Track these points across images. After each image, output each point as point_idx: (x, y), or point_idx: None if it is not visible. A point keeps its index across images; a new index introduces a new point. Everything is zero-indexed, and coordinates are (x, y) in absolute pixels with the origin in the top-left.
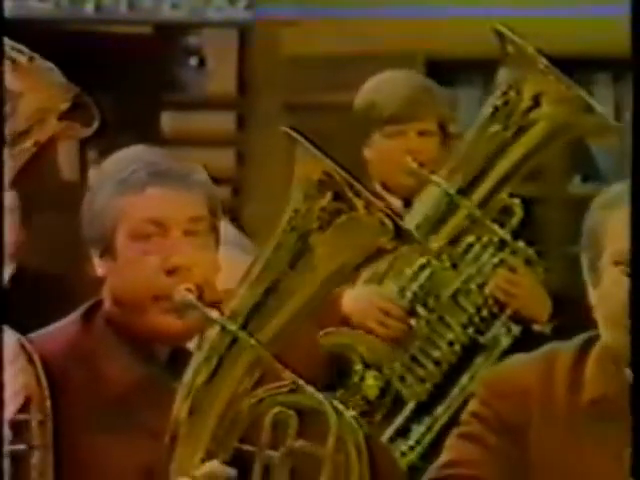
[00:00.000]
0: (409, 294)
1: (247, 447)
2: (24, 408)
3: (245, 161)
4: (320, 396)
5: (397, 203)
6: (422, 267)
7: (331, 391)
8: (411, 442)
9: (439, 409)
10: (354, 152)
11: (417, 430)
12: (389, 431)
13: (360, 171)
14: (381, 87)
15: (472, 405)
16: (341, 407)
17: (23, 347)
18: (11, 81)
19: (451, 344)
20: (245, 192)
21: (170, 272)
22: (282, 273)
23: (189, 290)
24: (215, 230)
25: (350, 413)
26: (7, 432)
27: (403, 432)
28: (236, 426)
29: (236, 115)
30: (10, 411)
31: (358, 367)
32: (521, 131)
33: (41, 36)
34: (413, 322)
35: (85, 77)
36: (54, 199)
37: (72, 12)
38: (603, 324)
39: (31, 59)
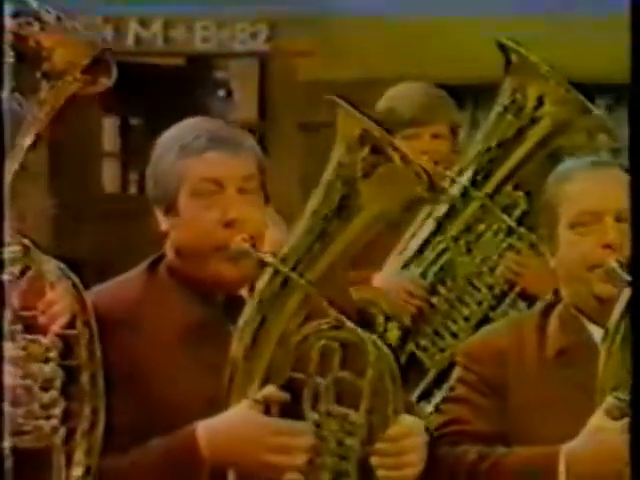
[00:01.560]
0: (431, 275)
1: (298, 375)
2: (71, 325)
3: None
4: (360, 331)
5: None
6: (442, 252)
7: None
8: (433, 405)
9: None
10: None
11: (438, 394)
12: (415, 394)
13: None
14: (400, 95)
15: (457, 372)
16: (379, 342)
17: (65, 274)
18: (42, 38)
19: (467, 319)
20: None
21: (227, 225)
22: (329, 219)
23: (244, 240)
24: (263, 188)
25: (385, 347)
26: (59, 345)
27: (426, 395)
28: (288, 357)
29: (257, 136)
30: (59, 325)
31: (380, 319)
32: (528, 126)
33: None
34: (434, 300)
35: (126, 102)
36: (98, 209)
37: (115, 44)
38: (563, 282)
39: (59, 19)
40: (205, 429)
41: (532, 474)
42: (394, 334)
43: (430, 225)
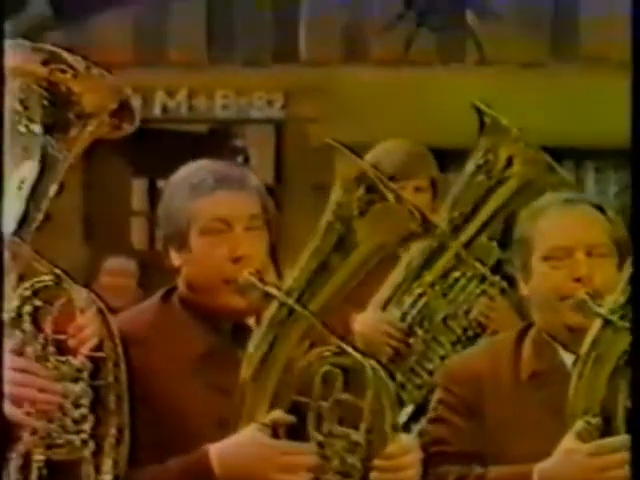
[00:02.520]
0: (409, 318)
1: (302, 399)
2: (99, 348)
3: (280, 235)
4: (361, 357)
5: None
6: (419, 296)
7: None
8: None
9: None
10: None
11: (415, 427)
12: None
13: None
14: (385, 151)
15: (437, 394)
16: (377, 367)
17: (93, 301)
18: (72, 84)
19: (442, 358)
20: (281, 261)
21: (235, 260)
22: (328, 255)
23: (251, 274)
24: (268, 225)
25: (382, 371)
26: (88, 366)
27: (405, 428)
28: (293, 383)
29: (274, 199)
30: (88, 348)
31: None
32: (498, 185)
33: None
34: (412, 340)
35: (153, 165)
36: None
37: (143, 112)
38: (536, 310)
39: (88, 67)
40: (217, 450)
41: None
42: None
43: (408, 271)
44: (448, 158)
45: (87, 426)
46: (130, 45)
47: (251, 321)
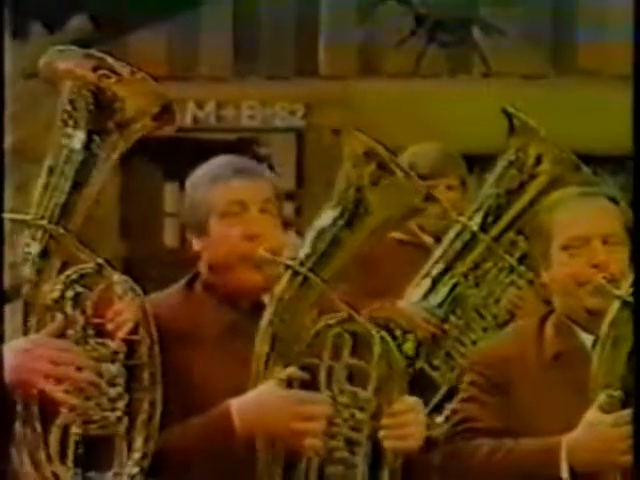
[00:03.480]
0: (445, 306)
1: (315, 360)
2: (135, 332)
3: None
4: (367, 324)
5: (430, 239)
6: (454, 286)
7: None
8: (444, 416)
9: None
10: None
11: (448, 407)
12: (429, 408)
13: None
14: (419, 152)
15: (467, 376)
16: (383, 333)
17: (132, 288)
18: (117, 88)
19: (474, 343)
20: None
21: (250, 238)
22: (340, 226)
23: (265, 250)
24: (280, 212)
25: (388, 339)
26: (124, 348)
27: (438, 408)
28: (304, 344)
29: (295, 204)
30: (124, 331)
31: (398, 332)
32: (530, 179)
33: (150, 139)
34: (447, 326)
35: (184, 171)
36: (159, 261)
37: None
38: (556, 296)
39: (132, 73)
40: (237, 404)
41: (538, 462)
42: (410, 346)
43: (444, 264)
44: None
45: (122, 404)
46: (163, 60)
47: (267, 299)
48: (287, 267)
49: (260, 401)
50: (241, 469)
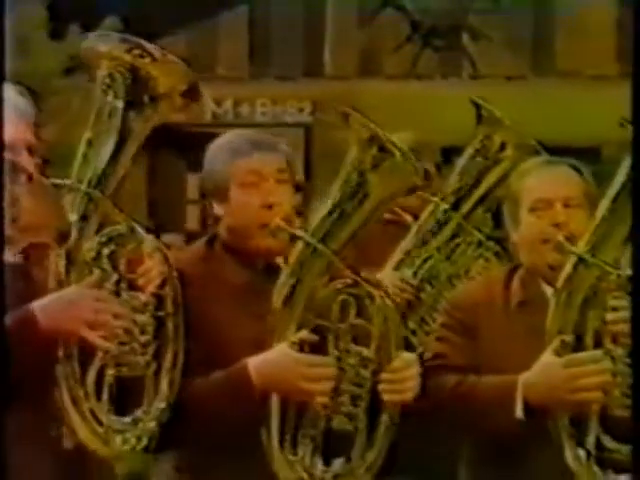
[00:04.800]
0: (419, 276)
1: (323, 322)
2: (162, 287)
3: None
4: (371, 288)
5: (410, 218)
6: (427, 259)
7: None
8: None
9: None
10: None
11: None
12: None
13: None
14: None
15: (440, 318)
16: (385, 295)
17: (159, 247)
18: (150, 68)
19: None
20: None
21: (268, 207)
22: (347, 202)
23: (281, 219)
24: (293, 179)
25: (389, 301)
26: (153, 300)
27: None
28: (315, 309)
29: (302, 195)
30: (153, 285)
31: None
32: (493, 165)
33: (175, 133)
34: (422, 295)
35: (202, 164)
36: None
37: (195, 118)
38: (523, 252)
39: (164, 54)
40: (255, 363)
41: (497, 396)
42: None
43: (417, 238)
44: (449, 153)
45: (150, 350)
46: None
47: (279, 260)
48: (299, 238)
49: (275, 362)
50: (254, 422)
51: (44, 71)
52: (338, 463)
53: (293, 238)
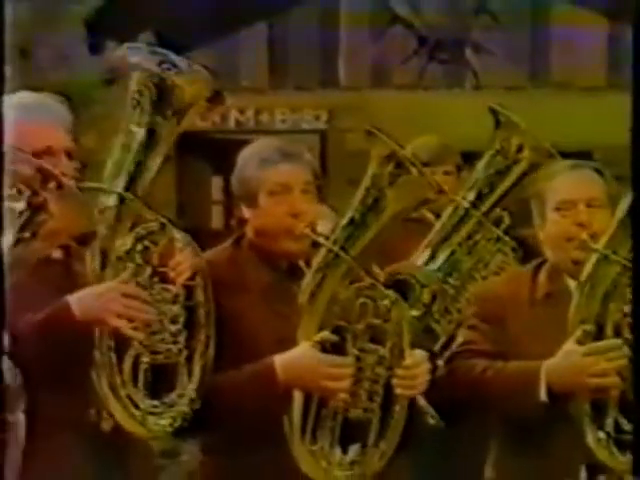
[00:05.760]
0: (443, 269)
1: (343, 323)
2: (192, 279)
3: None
4: (387, 291)
5: (431, 216)
6: (450, 253)
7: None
8: (443, 359)
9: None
10: None
11: (446, 354)
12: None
13: None
14: (419, 144)
15: (470, 309)
16: (399, 299)
17: (189, 242)
18: (177, 78)
19: (468, 300)
20: None
21: (294, 215)
22: (365, 214)
23: (307, 227)
24: (318, 190)
25: (403, 303)
26: (183, 292)
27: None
28: (336, 311)
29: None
30: (184, 278)
31: (417, 286)
32: (512, 165)
33: (201, 140)
34: (445, 287)
35: (228, 167)
36: (207, 241)
37: (221, 126)
38: (549, 249)
39: (189, 65)
40: (280, 360)
41: (522, 380)
42: (426, 297)
43: (442, 235)
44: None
45: (182, 338)
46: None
47: (301, 262)
48: (322, 245)
49: (300, 361)
50: (278, 414)
51: (84, 83)
52: (354, 450)
53: (316, 244)
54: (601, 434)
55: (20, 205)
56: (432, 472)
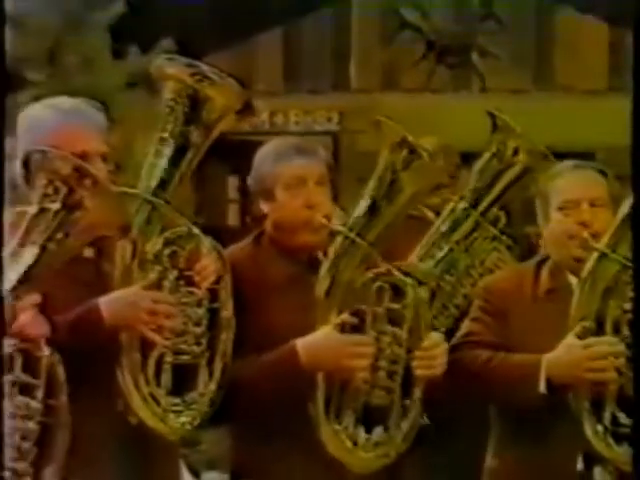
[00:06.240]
0: (441, 266)
1: (362, 306)
2: (217, 282)
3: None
4: (402, 276)
5: (431, 214)
6: (448, 251)
7: None
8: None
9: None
10: None
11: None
12: None
13: None
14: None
15: (476, 301)
16: (415, 284)
17: (215, 247)
18: (209, 90)
19: (465, 297)
20: None
21: (310, 207)
22: (381, 198)
23: (323, 217)
24: (332, 184)
25: (418, 288)
26: (208, 296)
27: None
28: (354, 295)
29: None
30: (209, 282)
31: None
32: (507, 168)
33: (218, 141)
34: (442, 283)
35: (243, 167)
36: (223, 238)
37: (237, 128)
38: (552, 246)
39: (222, 77)
40: (302, 343)
41: (523, 372)
42: (424, 294)
43: (439, 234)
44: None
45: (204, 340)
46: None
47: (320, 254)
48: (339, 232)
49: (321, 342)
50: (302, 397)
51: (108, 86)
52: (377, 432)
53: (333, 234)
54: (599, 427)
55: (56, 205)
56: (434, 460)
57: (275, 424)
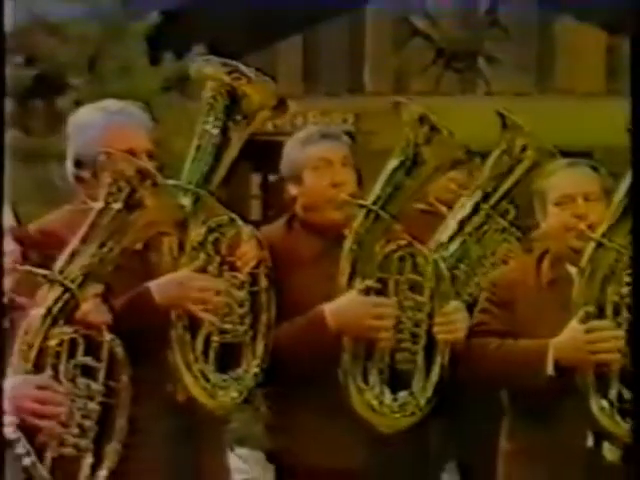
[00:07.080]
0: (455, 256)
1: (384, 274)
2: (257, 266)
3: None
4: (422, 247)
5: (444, 209)
6: (462, 242)
7: None
8: None
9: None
10: None
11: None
12: None
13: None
14: None
15: (484, 294)
16: (433, 254)
17: (255, 234)
18: (246, 87)
19: (477, 285)
20: None
21: (335, 186)
22: (403, 172)
23: (348, 195)
24: (355, 166)
25: (439, 259)
26: (248, 279)
27: None
28: (376, 264)
29: None
30: (250, 267)
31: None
32: (517, 163)
33: (248, 141)
34: (456, 272)
35: (266, 165)
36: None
37: (260, 128)
38: (550, 239)
39: (257, 75)
40: (329, 307)
41: (531, 356)
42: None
43: (454, 225)
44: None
45: (247, 320)
46: None
47: (346, 231)
48: (363, 206)
49: (346, 305)
50: (330, 358)
51: (144, 90)
52: (403, 394)
53: (359, 209)
54: (604, 403)
55: (118, 205)
56: (450, 443)
57: (303, 385)
